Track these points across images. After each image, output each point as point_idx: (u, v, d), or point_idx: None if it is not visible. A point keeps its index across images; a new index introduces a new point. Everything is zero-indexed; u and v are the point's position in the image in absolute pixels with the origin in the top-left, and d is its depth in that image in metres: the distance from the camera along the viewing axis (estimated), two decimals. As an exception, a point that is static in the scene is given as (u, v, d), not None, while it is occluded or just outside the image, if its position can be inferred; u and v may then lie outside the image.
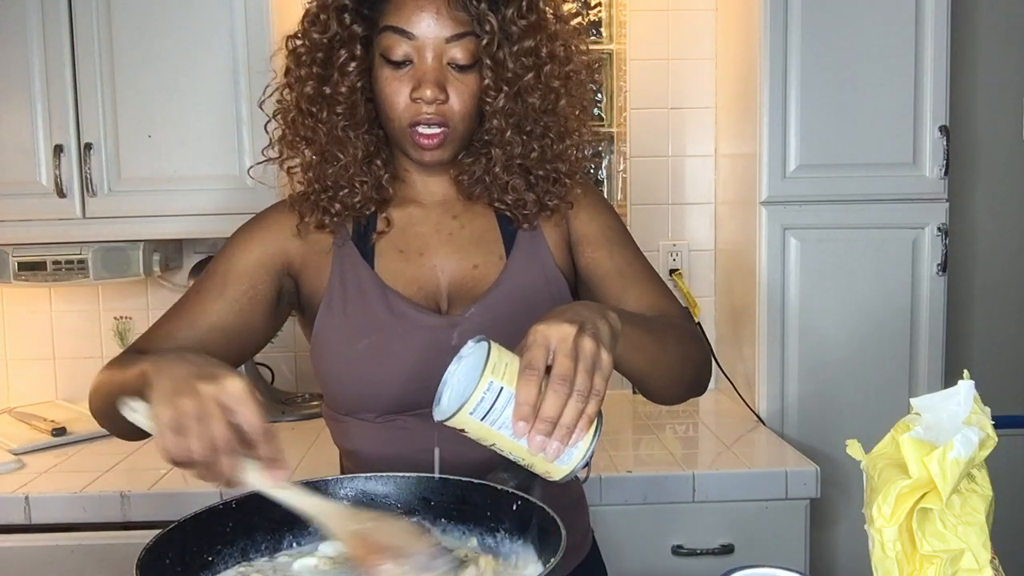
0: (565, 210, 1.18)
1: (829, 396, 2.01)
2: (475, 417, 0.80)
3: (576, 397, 0.80)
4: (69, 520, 1.65)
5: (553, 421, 0.80)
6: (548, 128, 1.12)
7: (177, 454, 0.78)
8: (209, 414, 0.78)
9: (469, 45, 1.06)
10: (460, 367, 0.83)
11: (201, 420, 0.77)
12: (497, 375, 0.80)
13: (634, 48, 2.31)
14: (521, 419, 0.79)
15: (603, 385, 0.82)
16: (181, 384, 0.80)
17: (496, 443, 0.82)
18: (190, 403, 0.78)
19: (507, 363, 0.81)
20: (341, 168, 1.11)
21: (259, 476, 0.81)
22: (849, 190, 1.98)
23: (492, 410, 0.80)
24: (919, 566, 0.65)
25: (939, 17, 1.95)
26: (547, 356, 0.81)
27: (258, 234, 1.15)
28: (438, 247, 1.15)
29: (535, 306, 1.10)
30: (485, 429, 0.81)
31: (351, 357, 1.09)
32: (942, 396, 0.68)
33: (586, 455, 0.83)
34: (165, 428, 0.78)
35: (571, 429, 0.80)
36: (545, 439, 0.80)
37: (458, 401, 0.80)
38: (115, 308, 2.30)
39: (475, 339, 0.83)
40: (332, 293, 1.12)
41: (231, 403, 0.79)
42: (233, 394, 0.79)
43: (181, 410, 0.78)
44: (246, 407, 0.79)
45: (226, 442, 0.78)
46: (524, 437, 0.80)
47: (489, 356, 0.80)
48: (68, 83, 1.93)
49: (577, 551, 1.20)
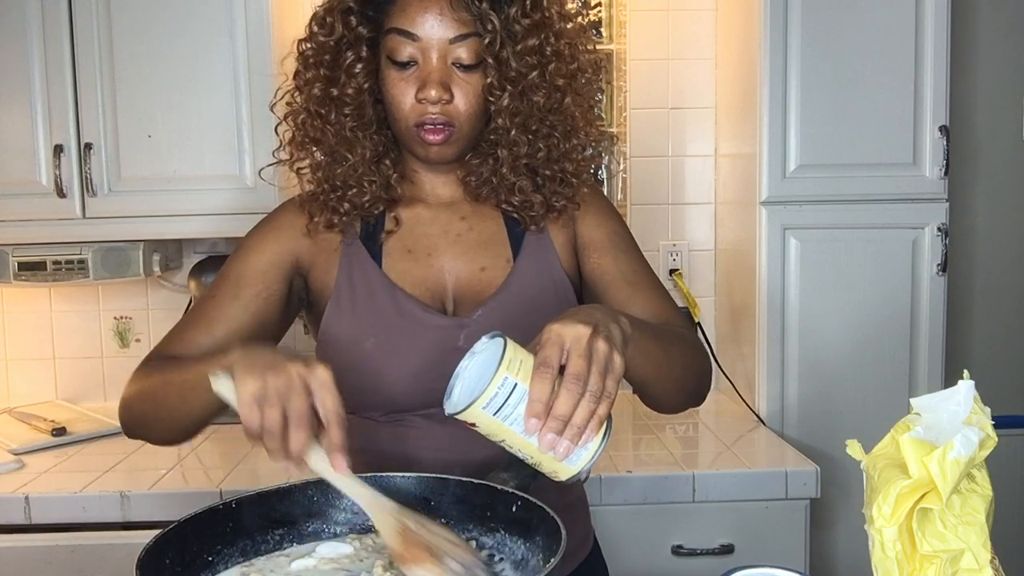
0: (572, 211, 1.18)
1: (829, 396, 2.01)
2: (487, 412, 0.80)
3: (588, 397, 0.81)
4: (69, 520, 1.65)
5: (565, 420, 0.80)
6: (554, 127, 1.12)
7: (254, 423, 0.81)
8: (294, 390, 0.82)
9: (473, 45, 1.06)
10: (473, 362, 0.83)
11: (285, 395, 0.81)
12: (512, 371, 0.80)
13: (634, 48, 2.31)
14: (533, 416, 0.80)
15: (615, 387, 0.83)
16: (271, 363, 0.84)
17: (506, 439, 0.82)
18: (279, 378, 0.82)
19: (522, 360, 0.81)
20: (350, 168, 1.12)
21: (323, 460, 0.84)
22: (849, 190, 1.98)
23: (505, 405, 0.80)
24: (919, 566, 0.65)
25: (939, 17, 1.95)
26: (561, 355, 0.82)
27: (269, 235, 1.16)
28: (446, 248, 1.15)
29: (541, 310, 1.11)
30: (497, 424, 0.81)
31: (358, 356, 1.10)
32: (942, 396, 0.68)
33: (594, 457, 0.83)
34: (249, 398, 0.82)
35: (582, 429, 0.81)
36: (556, 437, 0.80)
37: (472, 395, 0.80)
38: (115, 308, 2.30)
39: (489, 335, 0.84)
40: (340, 291, 1.12)
41: (316, 386, 0.83)
42: (320, 378, 0.83)
43: (268, 384, 0.82)
44: (329, 393, 0.83)
45: (301, 416, 0.82)
46: (535, 434, 0.80)
47: (505, 351, 0.81)
48: (68, 83, 1.93)
49: (578, 552, 1.21)
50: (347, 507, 0.95)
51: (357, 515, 0.95)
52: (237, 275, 1.13)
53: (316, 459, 0.84)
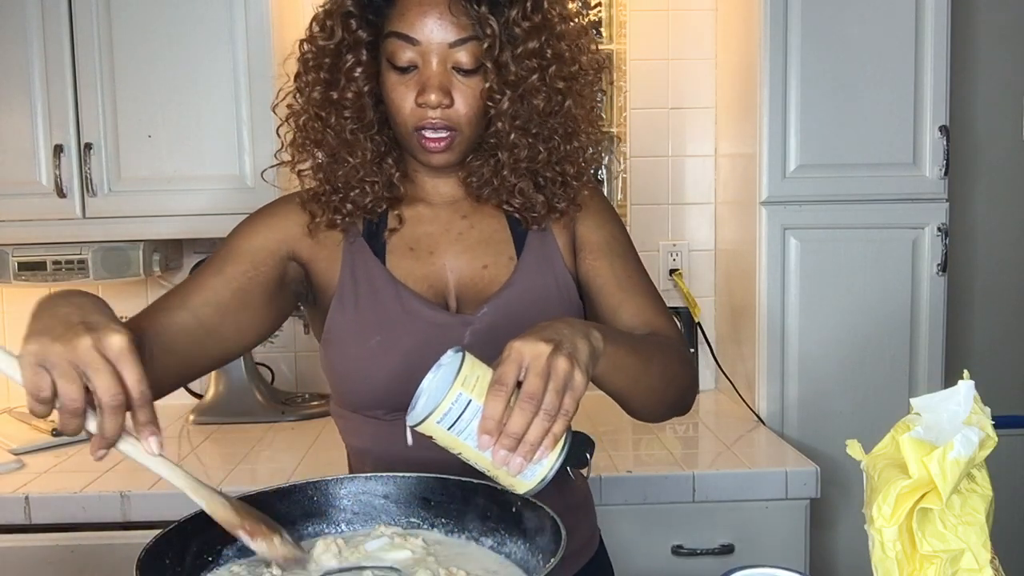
0: (574, 212, 1.18)
1: (829, 396, 2.01)
2: (442, 426, 0.82)
3: (543, 415, 0.81)
4: (69, 520, 1.65)
5: (517, 437, 0.81)
6: (555, 130, 1.12)
7: (33, 389, 0.74)
8: (95, 362, 0.74)
9: (473, 49, 1.06)
10: (436, 375, 0.84)
11: (84, 366, 0.74)
12: (467, 387, 0.82)
13: (634, 48, 2.31)
14: (485, 432, 0.81)
15: (573, 405, 0.83)
16: (67, 320, 0.77)
17: (462, 452, 0.84)
18: (70, 344, 0.75)
19: (479, 376, 0.83)
20: (351, 169, 1.12)
21: (133, 443, 0.79)
22: (849, 190, 1.98)
23: (459, 421, 0.82)
24: (919, 566, 0.65)
25: (939, 17, 1.95)
26: (519, 372, 0.83)
27: (265, 220, 1.15)
28: (448, 247, 1.15)
29: (546, 307, 1.11)
30: (452, 439, 0.83)
31: (363, 354, 1.10)
32: (942, 396, 0.68)
33: (550, 471, 0.84)
34: (26, 361, 0.75)
35: (535, 446, 0.82)
36: (508, 454, 0.81)
37: (427, 409, 0.82)
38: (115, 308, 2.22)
39: (453, 349, 0.85)
40: (344, 289, 1.12)
41: (113, 356, 0.76)
42: (117, 347, 0.76)
43: (58, 347, 0.75)
44: (130, 364, 0.76)
45: (113, 395, 0.75)
46: (488, 450, 0.82)
47: (461, 368, 0.82)
48: (68, 83, 1.93)
49: (584, 551, 1.21)
50: (347, 507, 0.95)
51: (358, 515, 0.94)
52: (225, 253, 1.11)
53: (126, 442, 0.77)
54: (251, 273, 1.10)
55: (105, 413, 0.76)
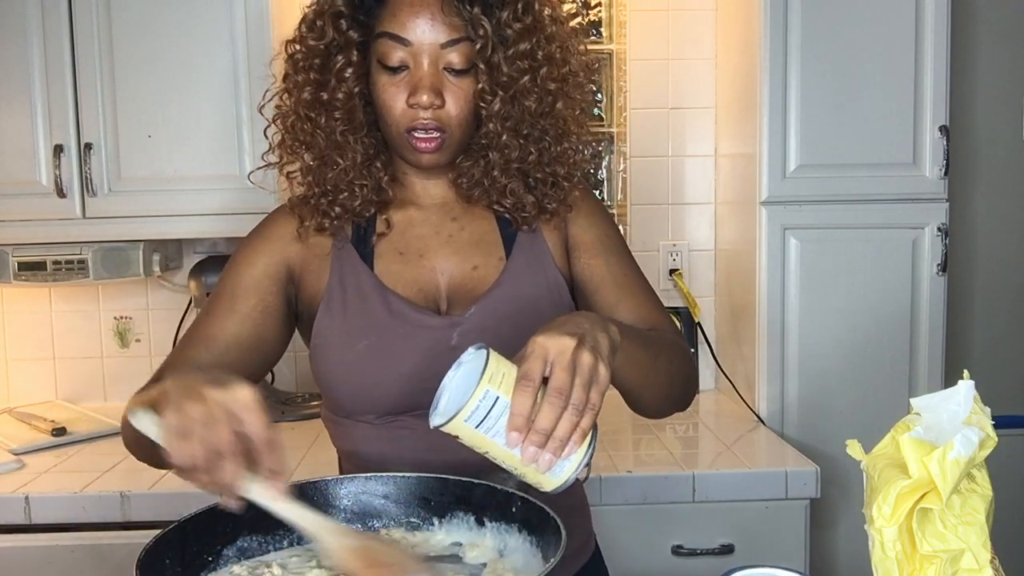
0: (564, 213, 1.18)
1: (829, 396, 2.01)
2: (470, 425, 0.80)
3: (571, 410, 0.80)
4: (69, 520, 1.65)
5: (547, 433, 0.80)
6: (545, 131, 1.12)
7: (181, 460, 0.77)
8: (215, 419, 0.77)
9: (464, 50, 1.06)
10: (458, 373, 0.83)
11: (206, 425, 0.77)
12: (494, 384, 0.80)
13: (634, 48, 2.31)
14: (515, 429, 0.80)
15: (599, 399, 0.83)
16: (190, 391, 0.79)
17: (489, 451, 0.82)
18: (196, 408, 0.77)
19: (504, 372, 0.81)
20: (340, 172, 1.11)
21: (259, 488, 0.80)
22: (849, 190, 1.98)
23: (487, 418, 0.80)
24: (919, 566, 0.65)
25: (939, 17, 1.95)
26: (544, 367, 0.82)
27: (261, 246, 1.15)
28: (437, 249, 1.15)
29: (535, 307, 1.11)
30: (479, 437, 0.81)
31: (351, 358, 1.09)
32: (942, 396, 0.68)
33: (578, 468, 0.83)
34: (171, 433, 0.78)
35: (564, 442, 0.80)
36: (538, 450, 0.80)
37: (453, 408, 0.80)
38: (115, 308, 2.30)
39: (475, 346, 0.84)
40: (331, 295, 1.12)
41: (238, 410, 0.78)
42: (241, 401, 0.79)
43: (188, 415, 0.77)
44: (253, 416, 0.79)
45: (229, 446, 0.77)
46: (517, 447, 0.80)
47: (487, 365, 0.81)
48: (68, 83, 1.93)
49: (579, 555, 1.20)
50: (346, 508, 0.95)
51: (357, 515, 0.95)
52: (232, 290, 1.12)
53: (253, 488, 0.80)
54: (260, 306, 1.12)
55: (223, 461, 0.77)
